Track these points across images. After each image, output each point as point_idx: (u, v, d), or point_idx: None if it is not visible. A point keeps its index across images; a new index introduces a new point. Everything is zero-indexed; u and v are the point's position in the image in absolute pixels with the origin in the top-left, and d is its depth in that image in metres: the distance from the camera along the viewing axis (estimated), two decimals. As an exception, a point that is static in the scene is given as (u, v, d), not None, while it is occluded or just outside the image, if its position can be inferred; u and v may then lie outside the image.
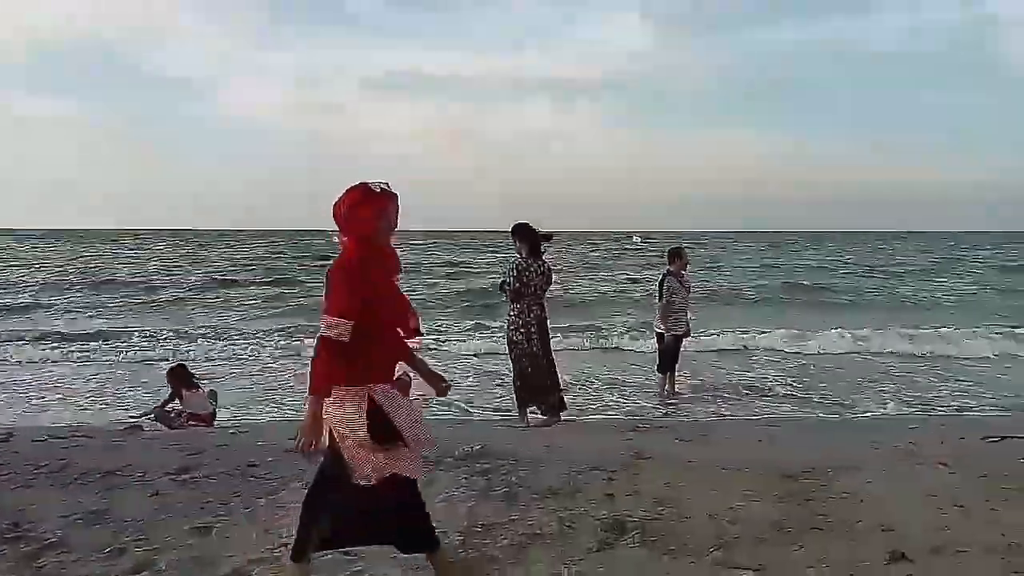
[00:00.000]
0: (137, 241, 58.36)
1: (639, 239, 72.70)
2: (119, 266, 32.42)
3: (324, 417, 2.80)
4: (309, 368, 2.77)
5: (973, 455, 5.15)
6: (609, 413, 7.80)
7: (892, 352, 11.59)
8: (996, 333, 13.06)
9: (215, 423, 7.18)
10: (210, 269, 30.20)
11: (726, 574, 3.17)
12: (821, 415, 7.79)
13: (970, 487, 4.38)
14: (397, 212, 2.89)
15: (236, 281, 25.31)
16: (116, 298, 20.73)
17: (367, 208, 2.80)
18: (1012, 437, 5.70)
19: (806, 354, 11.62)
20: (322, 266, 32.41)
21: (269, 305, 19.58)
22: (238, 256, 40.67)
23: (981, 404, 8.32)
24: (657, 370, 8.58)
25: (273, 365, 11.02)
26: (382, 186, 2.84)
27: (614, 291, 23.55)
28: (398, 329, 2.96)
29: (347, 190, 2.82)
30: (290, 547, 3.08)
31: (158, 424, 7.02)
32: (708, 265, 32.90)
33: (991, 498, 4.16)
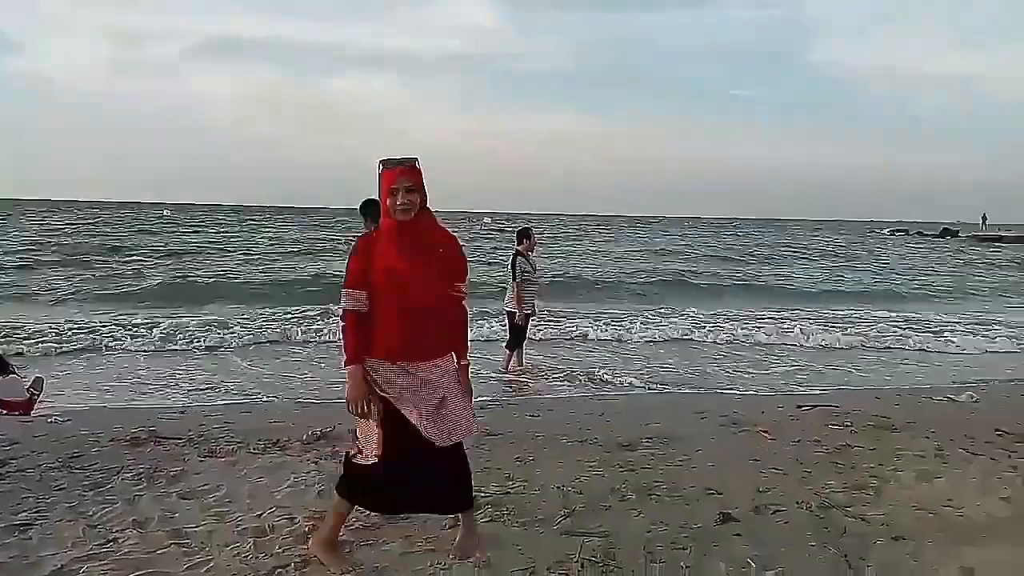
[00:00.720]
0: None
1: (490, 220, 73.47)
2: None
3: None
4: None
5: (789, 423, 5.67)
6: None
7: (729, 340, 12.17)
8: (829, 320, 14.17)
9: (34, 412, 6.55)
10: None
11: (573, 541, 3.30)
12: (656, 391, 8.22)
13: (787, 452, 4.82)
14: (410, 184, 2.87)
15: (34, 264, 22.01)
16: None
17: (381, 182, 2.89)
18: (822, 406, 6.32)
19: (648, 340, 12.16)
20: (148, 243, 30.12)
21: (81, 289, 17.33)
22: (35, 231, 36.07)
23: (801, 383, 9.06)
24: (506, 346, 8.76)
25: (90, 351, 10.11)
26: (395, 159, 2.89)
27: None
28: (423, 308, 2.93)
29: None
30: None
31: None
32: (563, 249, 33.67)
33: (804, 461, 4.61)
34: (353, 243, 3.00)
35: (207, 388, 7.73)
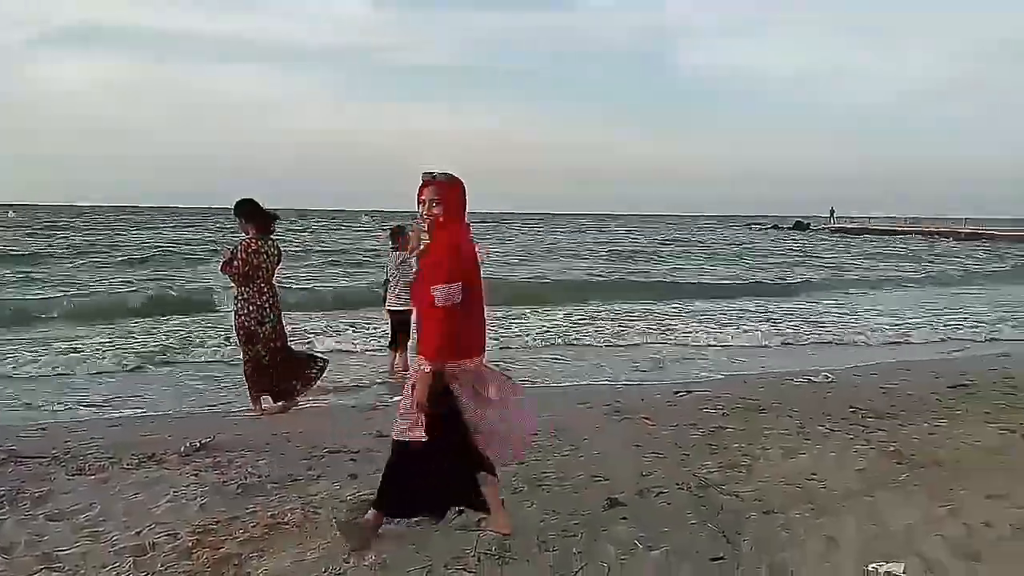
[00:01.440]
0: None
1: (368, 218, 72.65)
2: None
3: None
4: None
5: (667, 409, 5.96)
6: (348, 395, 7.68)
7: (612, 334, 12.45)
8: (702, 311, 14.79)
9: None
10: None
11: (469, 536, 3.34)
12: (542, 385, 8.36)
13: (666, 436, 5.07)
14: (435, 198, 3.08)
15: None
16: None
17: None
18: (696, 391, 6.68)
19: (531, 336, 12.34)
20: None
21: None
22: None
23: (677, 372, 9.44)
24: (388, 346, 8.66)
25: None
26: (428, 172, 3.14)
27: (344, 271, 23.22)
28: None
29: None
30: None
31: None
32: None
33: (682, 444, 4.87)
34: (232, 247, 2.95)
35: (68, 405, 7.19)
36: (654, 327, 12.47)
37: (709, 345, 11.08)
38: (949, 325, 13.00)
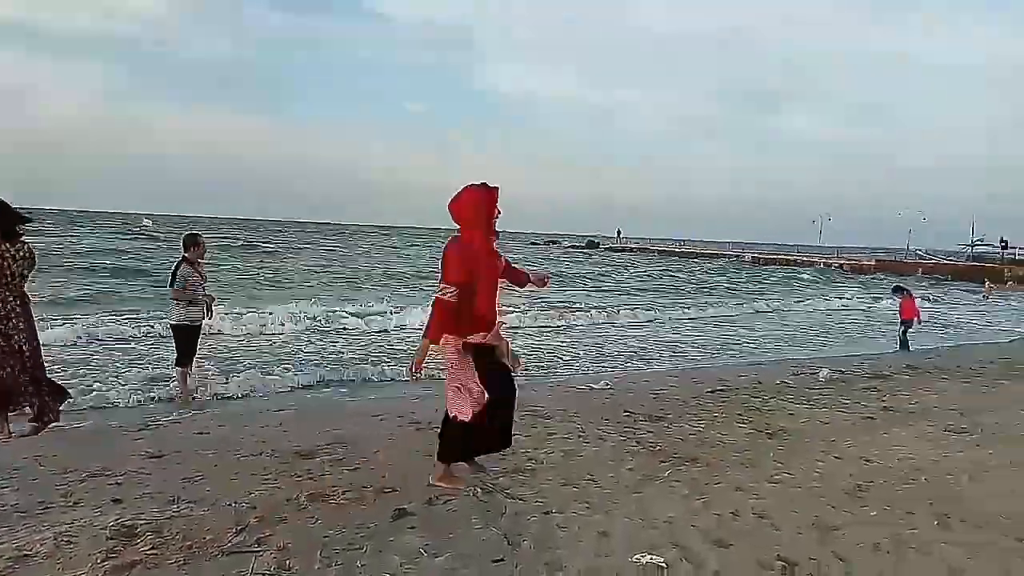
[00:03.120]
0: None
1: (151, 223, 67.29)
2: None
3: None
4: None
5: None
6: (116, 413, 7.03)
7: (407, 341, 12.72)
8: None
9: None
10: None
11: (245, 558, 3.19)
12: (335, 398, 8.19)
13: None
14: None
15: None
16: None
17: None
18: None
19: (318, 345, 12.11)
20: None
21: None
22: None
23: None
24: (176, 364, 7.99)
25: None
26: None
27: (121, 279, 21.26)
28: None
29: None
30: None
31: None
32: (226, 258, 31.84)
33: (471, 452, 4.97)
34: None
35: None
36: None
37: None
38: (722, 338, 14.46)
